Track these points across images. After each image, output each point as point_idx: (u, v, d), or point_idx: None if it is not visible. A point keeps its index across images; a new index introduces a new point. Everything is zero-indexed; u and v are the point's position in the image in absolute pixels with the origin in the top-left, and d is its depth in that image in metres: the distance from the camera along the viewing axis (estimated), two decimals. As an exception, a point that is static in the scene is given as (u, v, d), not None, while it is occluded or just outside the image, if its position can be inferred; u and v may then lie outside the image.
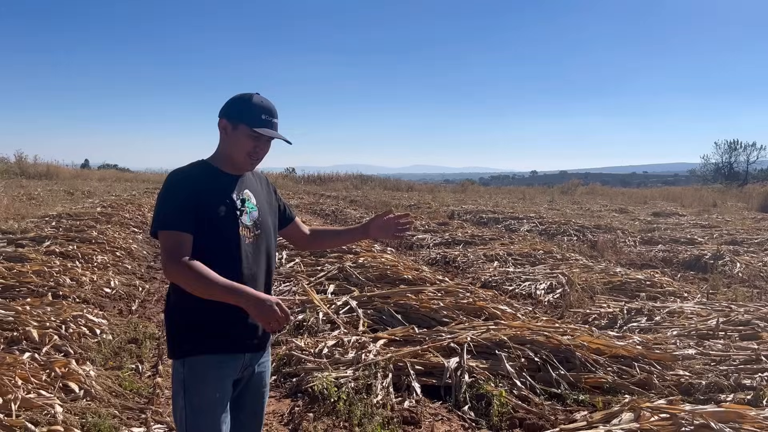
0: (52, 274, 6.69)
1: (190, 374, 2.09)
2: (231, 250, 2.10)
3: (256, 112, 2.10)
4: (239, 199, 2.16)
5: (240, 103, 2.14)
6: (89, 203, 16.41)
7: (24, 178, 27.81)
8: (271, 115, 2.13)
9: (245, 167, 2.19)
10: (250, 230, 2.16)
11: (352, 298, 6.13)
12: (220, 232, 2.09)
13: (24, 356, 4.14)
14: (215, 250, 2.08)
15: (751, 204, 22.06)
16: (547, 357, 4.44)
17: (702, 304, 6.41)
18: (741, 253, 10.12)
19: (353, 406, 3.80)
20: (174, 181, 2.10)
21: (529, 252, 9.76)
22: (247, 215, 2.16)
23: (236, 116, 2.12)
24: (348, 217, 16.55)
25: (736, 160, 40.67)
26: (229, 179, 2.17)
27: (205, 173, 2.15)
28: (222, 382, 2.12)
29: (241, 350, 2.17)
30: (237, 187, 2.17)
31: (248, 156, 2.14)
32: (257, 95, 2.15)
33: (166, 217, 2.05)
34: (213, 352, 2.11)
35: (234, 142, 2.13)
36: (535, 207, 20.52)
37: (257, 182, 2.31)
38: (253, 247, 2.17)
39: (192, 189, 2.07)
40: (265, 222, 2.25)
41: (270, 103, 2.16)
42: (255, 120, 2.10)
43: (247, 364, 2.21)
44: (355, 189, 32.78)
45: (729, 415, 3.28)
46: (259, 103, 2.13)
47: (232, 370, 2.16)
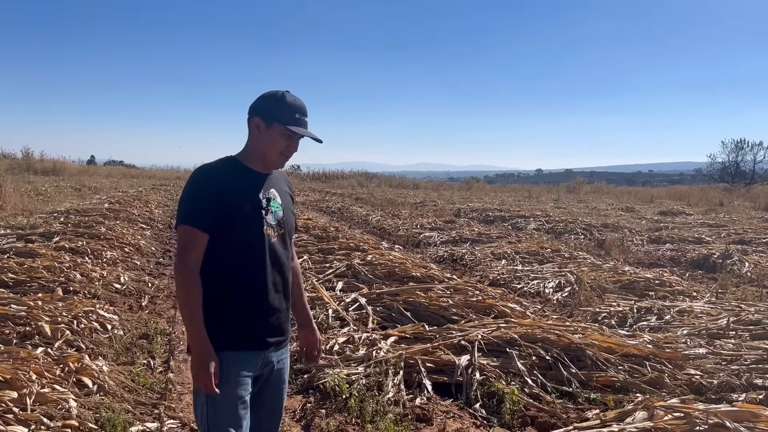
0: (62, 269, 6.72)
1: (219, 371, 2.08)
2: (256, 249, 2.12)
3: (290, 111, 2.11)
4: (265, 198, 2.16)
5: (273, 101, 2.13)
6: (96, 199, 16.47)
7: (31, 173, 27.91)
8: (303, 113, 2.14)
9: (277, 165, 2.20)
10: (275, 229, 2.17)
11: (361, 295, 6.14)
12: (246, 230, 2.11)
13: (37, 351, 4.16)
14: (241, 248, 2.10)
15: (758, 203, 21.97)
16: (558, 355, 4.44)
17: (711, 304, 6.40)
18: (749, 252, 10.09)
19: (365, 402, 3.81)
20: (199, 178, 2.11)
21: (536, 250, 9.75)
22: (272, 214, 2.17)
23: (270, 115, 2.12)
24: (354, 214, 16.55)
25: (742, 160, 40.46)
26: (257, 177, 2.17)
27: (232, 170, 2.14)
28: (243, 379, 2.12)
29: (263, 347, 2.18)
30: (264, 186, 2.18)
31: (281, 155, 2.15)
32: (289, 93, 2.15)
33: (186, 213, 2.07)
34: (235, 348, 2.11)
35: (267, 141, 2.13)
36: (541, 205, 20.48)
37: (282, 183, 2.31)
38: (279, 246, 2.19)
39: (215, 187, 2.07)
40: (289, 221, 2.26)
41: (302, 102, 2.16)
42: (289, 119, 2.10)
43: (267, 361, 2.21)
44: (361, 186, 32.78)
45: (743, 415, 3.27)
46: (292, 102, 2.13)
47: (253, 366, 2.16)
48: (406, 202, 20.85)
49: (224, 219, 2.06)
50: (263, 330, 2.17)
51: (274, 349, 2.23)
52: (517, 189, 33.73)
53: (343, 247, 9.15)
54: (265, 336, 2.18)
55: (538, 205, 20.30)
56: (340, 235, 10.52)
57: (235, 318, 2.12)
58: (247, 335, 2.14)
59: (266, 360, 2.21)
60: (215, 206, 2.05)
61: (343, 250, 8.92)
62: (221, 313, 2.11)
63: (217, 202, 2.05)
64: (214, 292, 2.08)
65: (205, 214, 2.05)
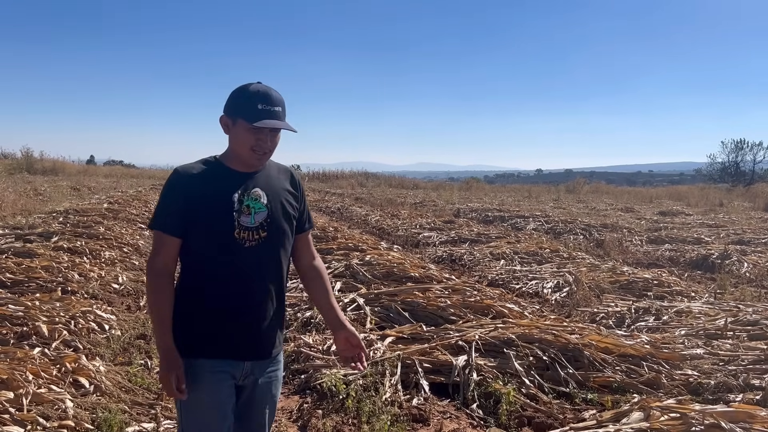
0: (60, 269, 6.73)
1: (186, 376, 2.03)
2: (225, 254, 2.02)
3: (252, 103, 1.97)
4: (240, 199, 2.03)
5: (237, 94, 2.02)
6: (96, 199, 16.48)
7: (30, 173, 27.91)
8: (270, 102, 1.98)
9: (253, 162, 2.06)
10: (252, 232, 2.03)
11: (360, 295, 6.14)
12: (213, 234, 2.02)
13: (34, 351, 4.16)
14: (209, 252, 2.03)
15: (758, 204, 21.97)
16: (556, 356, 4.44)
17: (710, 304, 6.40)
18: (748, 252, 10.08)
19: (362, 403, 3.81)
20: (171, 180, 2.04)
21: (535, 250, 9.75)
22: (249, 216, 2.03)
23: (234, 110, 2.01)
24: (353, 214, 16.55)
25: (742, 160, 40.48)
26: (236, 177, 2.05)
27: (209, 171, 2.05)
28: (217, 387, 2.04)
29: (239, 357, 2.08)
30: (243, 186, 2.05)
31: (252, 151, 2.02)
32: (256, 84, 2.03)
33: (155, 216, 2.05)
34: (207, 356, 2.04)
35: (235, 138, 2.03)
36: (540, 205, 20.48)
37: (279, 180, 2.17)
38: (257, 251, 2.05)
39: (186, 189, 2.00)
40: (277, 224, 2.09)
41: (268, 90, 2.01)
42: (251, 112, 1.97)
43: (248, 373, 2.10)
44: (360, 186, 32.79)
45: (739, 415, 3.27)
46: (255, 91, 1.99)
47: (230, 375, 2.06)
48: (406, 202, 20.86)
49: (192, 223, 2.00)
50: (238, 340, 2.07)
51: (254, 360, 2.11)
52: (516, 189, 33.73)
53: (341, 247, 9.15)
54: (240, 346, 2.07)
55: (538, 205, 20.30)
56: (339, 235, 10.52)
57: (207, 326, 2.05)
58: (216, 344, 2.05)
59: (246, 371, 2.09)
60: (184, 209, 1.99)
61: (341, 250, 8.92)
62: (194, 320, 2.05)
63: (186, 204, 1.99)
64: (187, 296, 2.04)
65: (172, 217, 2.00)
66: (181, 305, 2.05)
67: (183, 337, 2.04)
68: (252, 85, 2.02)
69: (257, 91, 1.99)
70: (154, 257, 2.03)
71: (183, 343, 2.03)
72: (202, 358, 2.03)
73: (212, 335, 2.04)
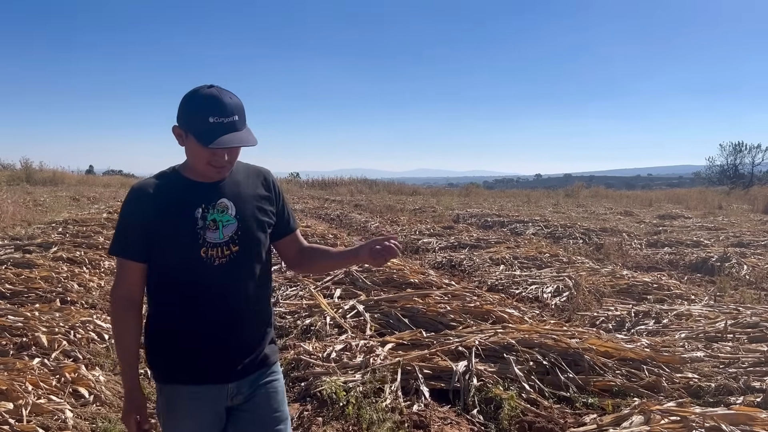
0: (59, 279, 6.73)
1: (166, 403, 1.94)
2: (193, 275, 1.85)
3: (203, 116, 1.74)
4: (203, 214, 1.85)
5: (186, 104, 1.79)
6: (95, 209, 16.48)
7: (30, 184, 27.92)
8: (223, 112, 1.74)
9: (211, 176, 1.87)
10: (221, 249, 1.85)
11: (359, 302, 6.14)
12: (178, 255, 1.85)
13: (34, 362, 4.17)
14: (175, 275, 1.87)
15: (756, 206, 21.97)
16: (556, 360, 4.44)
17: (709, 307, 6.39)
18: (748, 255, 10.08)
19: (362, 410, 3.80)
20: (129, 199, 1.87)
21: (535, 255, 9.75)
22: (216, 231, 1.85)
23: (184, 122, 1.80)
24: (353, 221, 16.55)
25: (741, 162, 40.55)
26: (198, 190, 1.87)
27: (168, 185, 1.88)
28: (198, 413, 1.92)
29: (220, 380, 1.93)
30: (207, 198, 1.87)
31: (208, 165, 1.83)
32: (207, 89, 1.78)
33: (114, 241, 1.89)
34: (184, 383, 1.91)
35: (190, 152, 1.84)
36: (539, 210, 20.48)
37: (247, 185, 1.97)
38: (228, 270, 1.88)
39: (145, 208, 1.83)
40: (250, 234, 1.92)
41: (220, 97, 1.76)
42: (202, 128, 1.74)
43: (234, 393, 1.95)
44: (360, 193, 32.79)
45: (739, 418, 3.27)
46: (205, 101, 1.75)
47: (212, 401, 1.93)
48: (405, 208, 20.86)
49: (155, 243, 1.83)
50: (216, 363, 1.92)
51: (238, 380, 1.96)
52: (516, 194, 33.74)
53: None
54: (219, 369, 1.93)
55: (537, 210, 20.30)
56: (338, 242, 10.52)
57: (181, 351, 1.91)
58: (197, 370, 1.91)
59: (233, 391, 1.95)
60: (142, 231, 1.82)
61: (341, 257, 8.91)
62: (167, 345, 1.93)
63: (144, 225, 1.82)
64: (158, 321, 1.93)
65: (131, 240, 1.84)
66: (153, 330, 1.95)
67: (158, 363, 1.95)
68: (201, 90, 1.77)
69: (207, 99, 1.75)
70: (117, 286, 1.89)
71: (160, 369, 1.95)
72: (180, 385, 1.92)
73: (188, 360, 1.90)
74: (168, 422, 1.96)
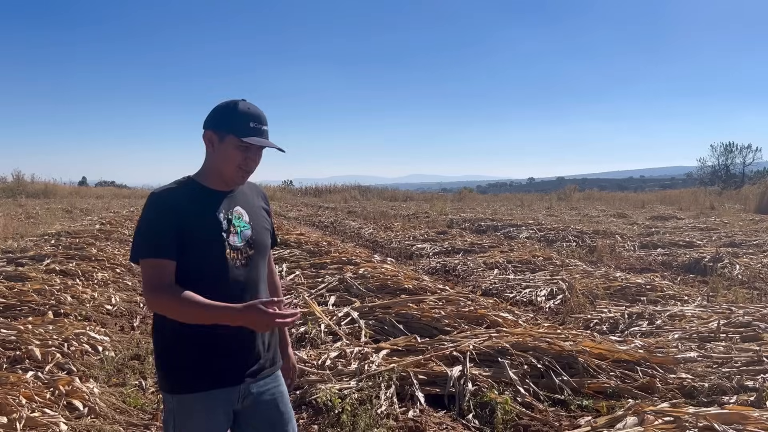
0: (52, 292, 6.70)
1: (179, 408, 1.99)
2: (218, 276, 1.95)
3: (243, 121, 1.94)
4: (226, 218, 1.99)
5: (225, 111, 1.97)
6: (88, 221, 16.44)
7: (22, 197, 27.81)
8: (260, 122, 1.97)
9: (236, 181, 2.02)
10: (240, 252, 2.00)
11: (354, 309, 6.14)
12: (205, 257, 1.94)
13: (27, 375, 4.15)
14: (201, 277, 1.93)
15: (748, 206, 22.11)
16: (550, 363, 4.45)
17: (702, 307, 6.43)
18: (740, 254, 10.15)
19: (357, 417, 3.80)
20: (154, 204, 1.94)
21: (528, 259, 9.77)
22: (237, 235, 1.99)
23: (223, 127, 1.96)
24: (346, 228, 16.56)
25: (732, 163, 40.86)
26: (217, 197, 2.00)
27: (189, 192, 1.99)
28: (212, 416, 1.99)
29: (233, 382, 2.01)
30: (225, 205, 2.01)
31: (239, 168, 1.98)
32: (243, 101, 1.99)
33: (146, 244, 1.92)
34: (198, 390, 1.97)
35: (222, 155, 1.97)
36: (533, 213, 20.55)
37: (252, 196, 2.14)
38: (246, 271, 2.01)
39: (173, 211, 1.91)
40: (260, 240, 2.08)
41: (257, 110, 1.99)
42: (243, 129, 1.93)
43: (245, 394, 2.04)
44: (353, 200, 32.82)
45: (732, 417, 3.29)
46: (245, 110, 1.96)
47: (225, 403, 2.01)
48: (399, 214, 20.89)
49: (182, 246, 1.91)
50: (229, 365, 2.00)
51: (252, 380, 2.05)
52: (509, 198, 33.83)
53: (335, 261, 9.15)
54: (232, 370, 2.00)
55: (530, 214, 20.37)
56: (332, 249, 10.52)
57: (193, 358, 1.96)
58: (208, 375, 1.97)
59: (244, 392, 2.03)
60: (174, 233, 1.89)
61: (335, 264, 8.92)
62: (179, 355, 1.98)
63: (175, 228, 1.89)
64: (169, 331, 1.97)
65: (165, 241, 1.89)
66: (165, 340, 1.99)
67: (173, 373, 1.99)
68: (241, 102, 1.98)
69: (248, 108, 1.96)
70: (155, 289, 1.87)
71: (173, 379, 1.99)
72: (194, 393, 1.97)
73: (204, 363, 1.96)
74: (181, 423, 1.99)
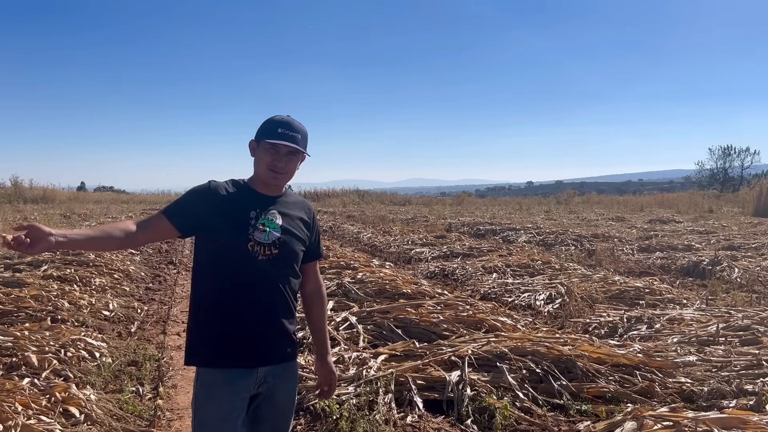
0: (50, 298, 6.67)
1: (200, 387, 2.19)
2: (239, 263, 2.18)
3: (273, 127, 2.23)
4: (257, 216, 2.22)
5: (265, 122, 2.29)
6: (86, 226, 16.40)
7: (21, 202, 27.77)
8: (289, 128, 2.23)
9: (269, 181, 2.27)
10: (265, 247, 2.21)
11: (352, 313, 6.12)
12: (230, 244, 2.19)
13: (24, 382, 4.12)
14: (224, 261, 2.20)
15: (747, 209, 22.12)
16: (549, 368, 4.44)
17: (701, 311, 6.42)
18: (739, 258, 10.14)
19: (355, 423, 3.78)
20: (201, 186, 2.26)
21: (527, 263, 9.76)
22: (264, 233, 2.21)
23: (259, 134, 2.27)
24: (345, 232, 16.54)
25: (730, 166, 40.90)
26: (257, 198, 2.26)
27: (234, 188, 2.27)
28: (230, 398, 2.17)
29: (252, 365, 2.21)
30: (262, 206, 2.25)
31: (269, 170, 2.24)
32: (280, 115, 2.28)
33: (168, 206, 2.25)
34: (219, 366, 2.18)
35: (257, 159, 2.27)
36: (531, 217, 20.55)
37: (295, 207, 2.37)
38: (269, 267, 2.22)
39: (208, 197, 2.20)
40: (289, 246, 2.27)
41: (291, 119, 2.27)
42: (271, 134, 2.21)
43: (262, 380, 2.23)
44: (352, 204, 32.80)
45: (732, 422, 3.27)
46: (278, 119, 2.26)
47: (244, 386, 2.19)
48: (398, 218, 20.88)
49: (208, 229, 2.19)
50: (249, 347, 2.20)
51: (267, 366, 2.24)
52: (508, 202, 33.84)
53: (333, 266, 9.13)
54: (253, 353, 2.21)
55: (529, 218, 20.37)
56: (330, 254, 10.51)
57: (219, 333, 2.19)
58: (232, 352, 2.18)
59: (260, 378, 2.23)
60: (200, 212, 2.18)
61: (333, 269, 8.90)
62: (207, 327, 2.21)
63: (205, 209, 2.18)
64: (202, 305, 2.23)
65: (183, 212, 2.19)
66: (197, 313, 2.25)
67: (199, 346, 2.22)
68: (279, 115, 2.28)
69: (281, 119, 2.26)
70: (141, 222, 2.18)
71: (199, 352, 2.21)
72: (216, 368, 2.18)
73: (224, 343, 2.18)
74: (202, 404, 2.18)
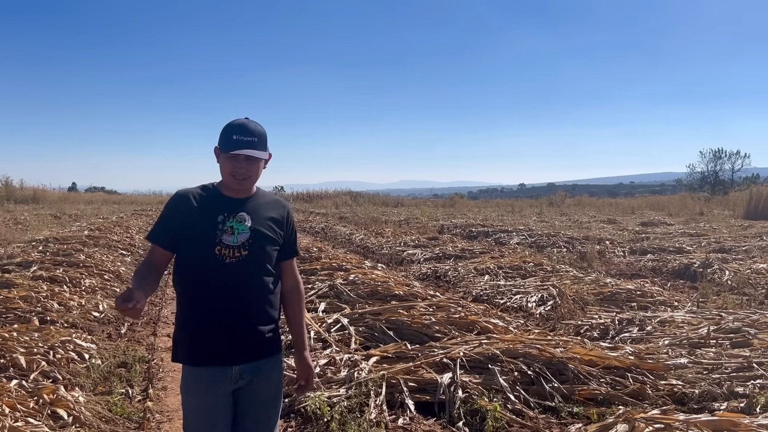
0: (39, 299, 6.61)
1: (183, 382, 2.28)
2: (207, 267, 2.22)
3: (228, 135, 2.24)
4: (225, 219, 2.25)
5: (223, 128, 2.29)
6: (76, 227, 16.30)
7: (11, 202, 27.57)
8: (245, 133, 2.23)
9: (235, 187, 2.29)
10: (233, 250, 2.23)
11: (344, 315, 6.10)
12: (197, 248, 2.23)
13: (11, 383, 4.08)
14: (193, 266, 2.26)
15: (737, 211, 22.23)
16: (540, 370, 4.43)
17: (692, 313, 6.43)
18: (729, 260, 10.18)
19: (347, 425, 3.76)
20: (170, 200, 2.34)
21: (519, 265, 9.77)
22: (232, 236, 2.23)
23: (219, 143, 2.29)
24: (337, 233, 16.51)
25: (721, 169, 41.08)
26: (225, 201, 2.29)
27: (203, 194, 2.31)
28: (208, 393, 2.24)
29: (226, 363, 2.25)
30: (230, 209, 2.27)
31: (231, 176, 2.27)
32: (239, 118, 2.29)
33: (151, 231, 2.34)
34: (196, 364, 2.25)
35: (221, 166, 2.29)
36: (524, 219, 20.58)
37: (266, 207, 2.37)
38: (241, 267, 2.24)
39: (178, 207, 2.27)
40: (259, 246, 2.29)
41: (246, 123, 2.27)
42: (227, 142, 2.23)
43: (237, 377, 2.27)
44: (345, 205, 32.77)
45: (723, 424, 3.28)
46: (235, 123, 2.26)
47: (221, 382, 2.24)
48: (390, 220, 20.86)
49: (181, 237, 2.25)
50: (221, 346, 2.24)
51: (242, 364, 2.27)
52: (500, 204, 33.89)
53: (325, 268, 9.11)
54: (224, 352, 2.25)
55: (521, 220, 20.40)
56: (322, 255, 10.48)
57: (189, 335, 2.27)
58: (205, 351, 2.24)
59: (236, 375, 2.26)
60: (174, 224, 2.26)
61: (325, 271, 8.88)
62: (180, 330, 2.30)
63: (177, 221, 2.26)
64: (180, 307, 2.31)
65: (162, 231, 2.29)
66: (178, 315, 2.32)
67: (179, 344, 2.30)
68: (235, 119, 2.29)
69: (236, 124, 2.26)
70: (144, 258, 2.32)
71: (179, 350, 2.29)
72: (193, 366, 2.26)
73: (199, 343, 2.24)
74: (185, 398, 2.29)
